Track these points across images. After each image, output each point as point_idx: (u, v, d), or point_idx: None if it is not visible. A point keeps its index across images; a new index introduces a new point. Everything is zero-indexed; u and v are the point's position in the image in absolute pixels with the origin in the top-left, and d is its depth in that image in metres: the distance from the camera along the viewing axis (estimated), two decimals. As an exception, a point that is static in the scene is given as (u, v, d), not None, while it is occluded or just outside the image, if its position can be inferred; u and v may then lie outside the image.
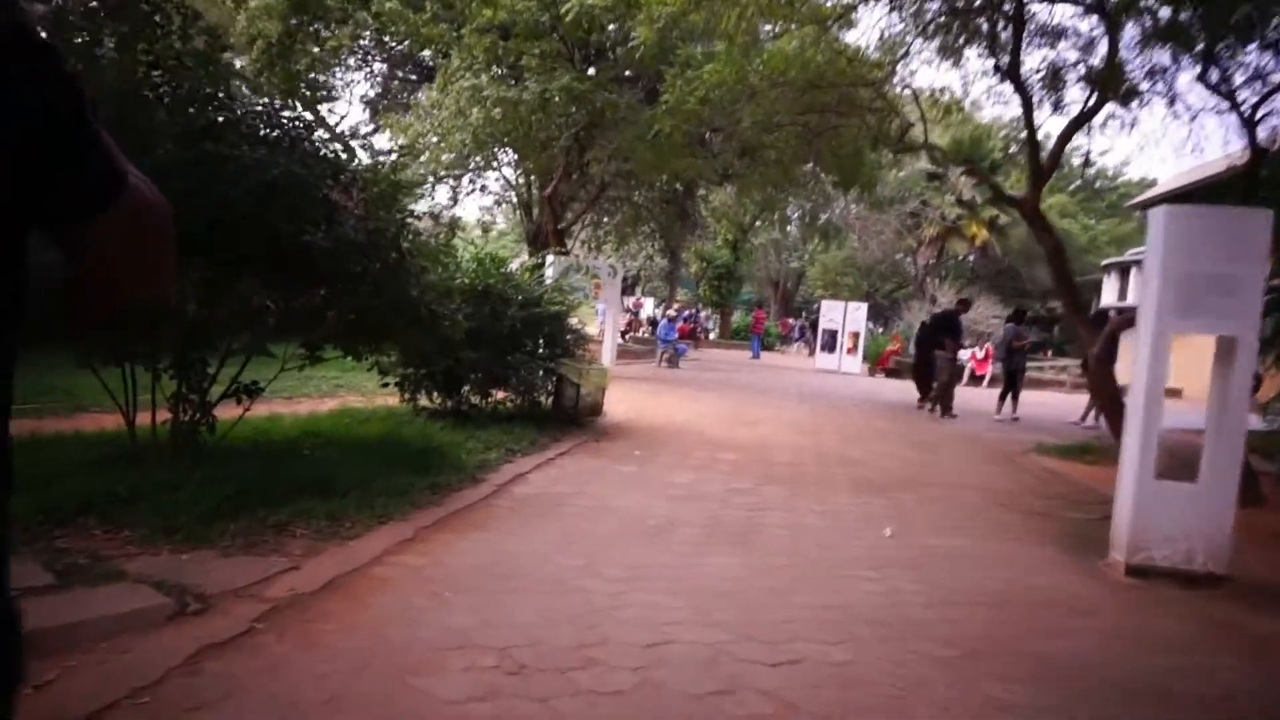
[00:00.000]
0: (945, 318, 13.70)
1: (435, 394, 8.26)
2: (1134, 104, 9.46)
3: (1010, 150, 44.42)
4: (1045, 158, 9.84)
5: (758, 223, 35.20)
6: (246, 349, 5.33)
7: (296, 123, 5.17)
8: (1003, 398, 13.51)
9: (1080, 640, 3.80)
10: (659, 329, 20.06)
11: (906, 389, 16.60)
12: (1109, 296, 27.24)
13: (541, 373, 8.10)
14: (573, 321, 9.49)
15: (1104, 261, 29.64)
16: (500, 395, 8.51)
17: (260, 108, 5.19)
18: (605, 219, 27.14)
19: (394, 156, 18.88)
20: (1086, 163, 17.16)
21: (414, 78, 22.39)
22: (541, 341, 8.36)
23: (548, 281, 11.64)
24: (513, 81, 12.69)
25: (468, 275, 7.87)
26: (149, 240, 0.91)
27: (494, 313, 7.86)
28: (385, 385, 6.54)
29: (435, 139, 13.05)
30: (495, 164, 18.20)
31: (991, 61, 10.06)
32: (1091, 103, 9.27)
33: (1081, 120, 9.24)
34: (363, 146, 24.24)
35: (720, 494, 6.21)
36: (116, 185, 0.84)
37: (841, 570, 4.55)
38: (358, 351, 6.11)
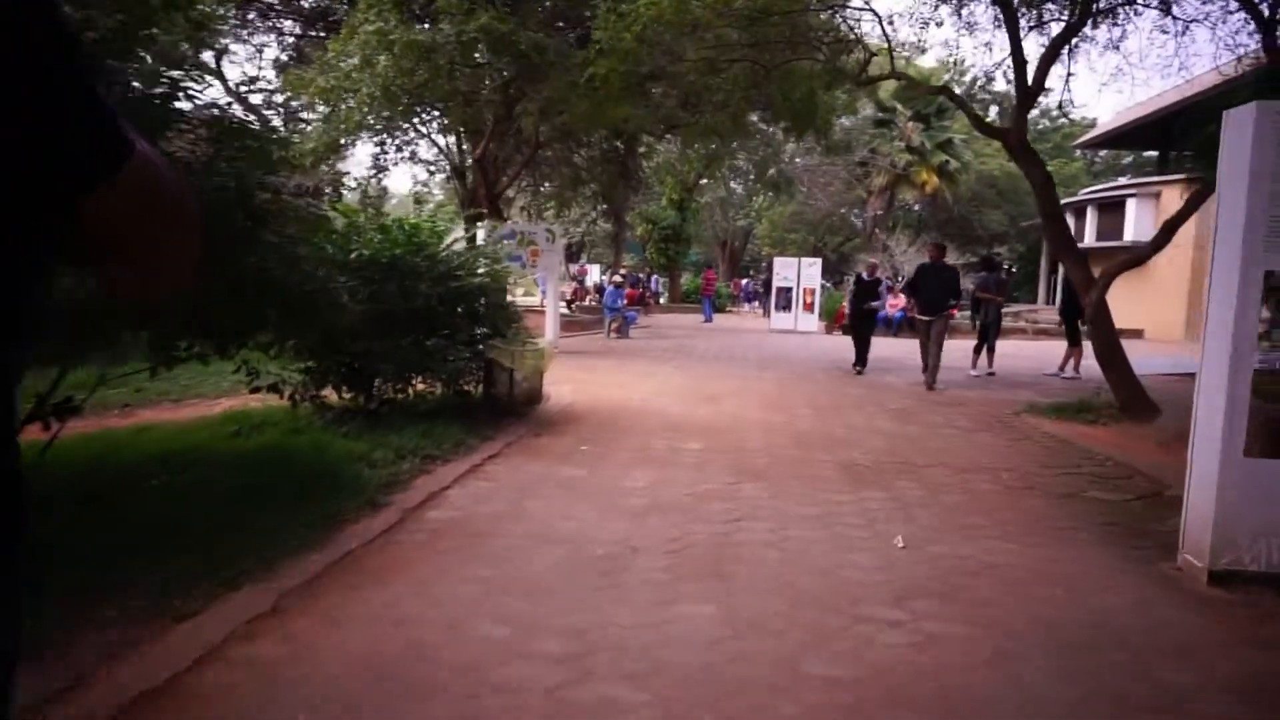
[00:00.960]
0: (947, 270, 11.24)
1: (344, 390, 6.97)
2: (1122, 13, 8.39)
3: (975, 85, 43.79)
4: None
5: (703, 180, 33.97)
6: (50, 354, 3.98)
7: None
8: (977, 351, 12.60)
9: (1207, 705, 2.73)
10: (605, 297, 18.79)
11: (877, 344, 15.75)
12: (1064, 239, 26.84)
13: (466, 358, 6.82)
14: (506, 296, 8.22)
15: (1061, 202, 29.12)
16: (421, 387, 7.23)
17: None
18: (545, 185, 25.67)
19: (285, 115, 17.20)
20: (1066, 88, 15.97)
21: (325, 35, 20.54)
22: (465, 320, 7.06)
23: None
24: (425, 25, 11.16)
25: (368, 247, 6.52)
26: (162, 218, 0.82)
27: (403, 290, 6.54)
28: (256, 390, 5.22)
29: (342, 94, 11.47)
30: (417, 123, 16.55)
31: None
32: (1075, 16, 8.20)
33: (1067, 35, 8.17)
34: (267, 107, 22.42)
35: (687, 500, 5.05)
36: (120, 151, 0.75)
37: (854, 611, 3.43)
38: (222, 347, 4.80)
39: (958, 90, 41.35)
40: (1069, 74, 8.46)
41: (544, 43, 11.36)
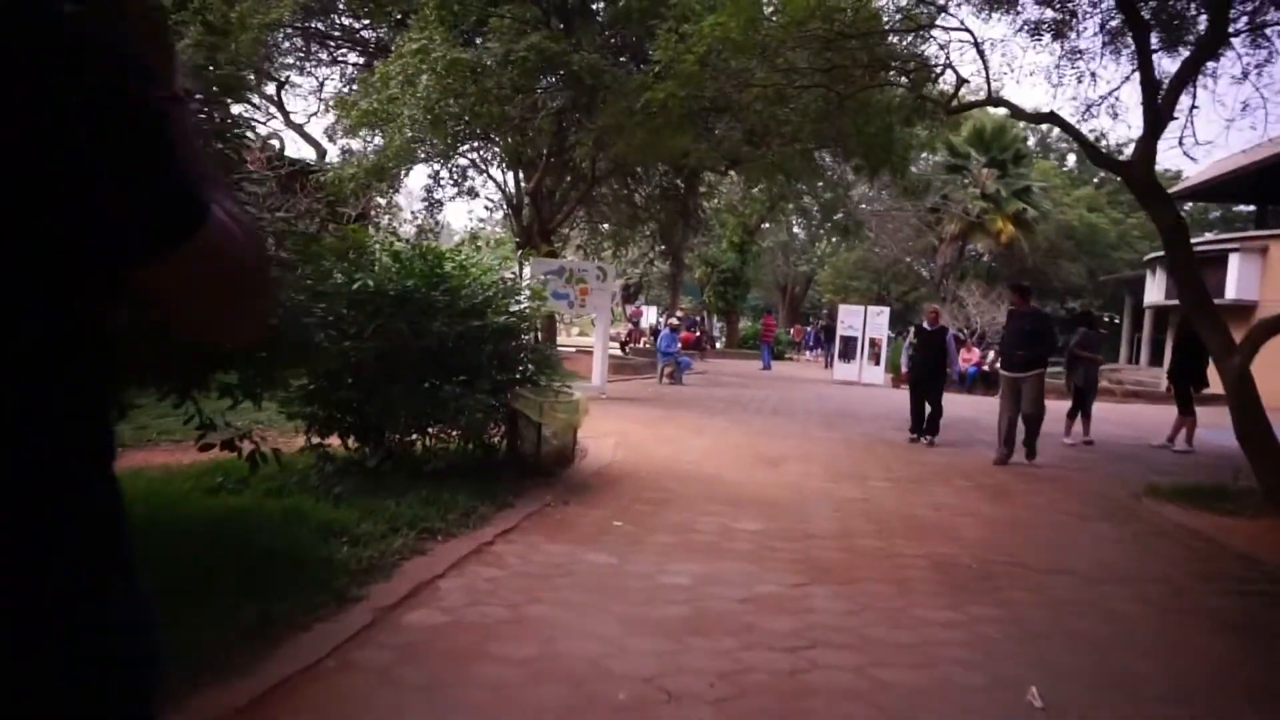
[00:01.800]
0: (1037, 317, 9.17)
1: (351, 440, 6.04)
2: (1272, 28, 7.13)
3: (1045, 139, 42.15)
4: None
5: (765, 224, 32.97)
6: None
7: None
8: (1071, 416, 11.17)
9: None
10: (659, 340, 17.76)
11: (951, 402, 14.40)
12: (1154, 294, 24.83)
13: (486, 409, 5.81)
14: (539, 337, 7.25)
15: (1147, 256, 27.25)
16: (441, 439, 6.25)
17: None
18: (602, 224, 24.96)
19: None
20: (1190, 121, 14.20)
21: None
22: (489, 365, 6.07)
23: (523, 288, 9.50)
24: (474, 43, 10.45)
25: (373, 276, 5.60)
26: (234, 285, 0.75)
27: (414, 327, 5.59)
28: (206, 447, 4.21)
29: (385, 117, 10.78)
30: (470, 153, 15.92)
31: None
32: (1209, 35, 6.99)
33: (1201, 55, 6.96)
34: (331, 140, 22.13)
35: (741, 611, 3.91)
36: (193, 217, 0.68)
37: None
38: (181, 389, 3.88)
39: (1032, 142, 39.77)
40: (1192, 105, 7.22)
41: (599, 65, 10.53)
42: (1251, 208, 34.11)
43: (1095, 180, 42.92)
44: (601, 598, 3.99)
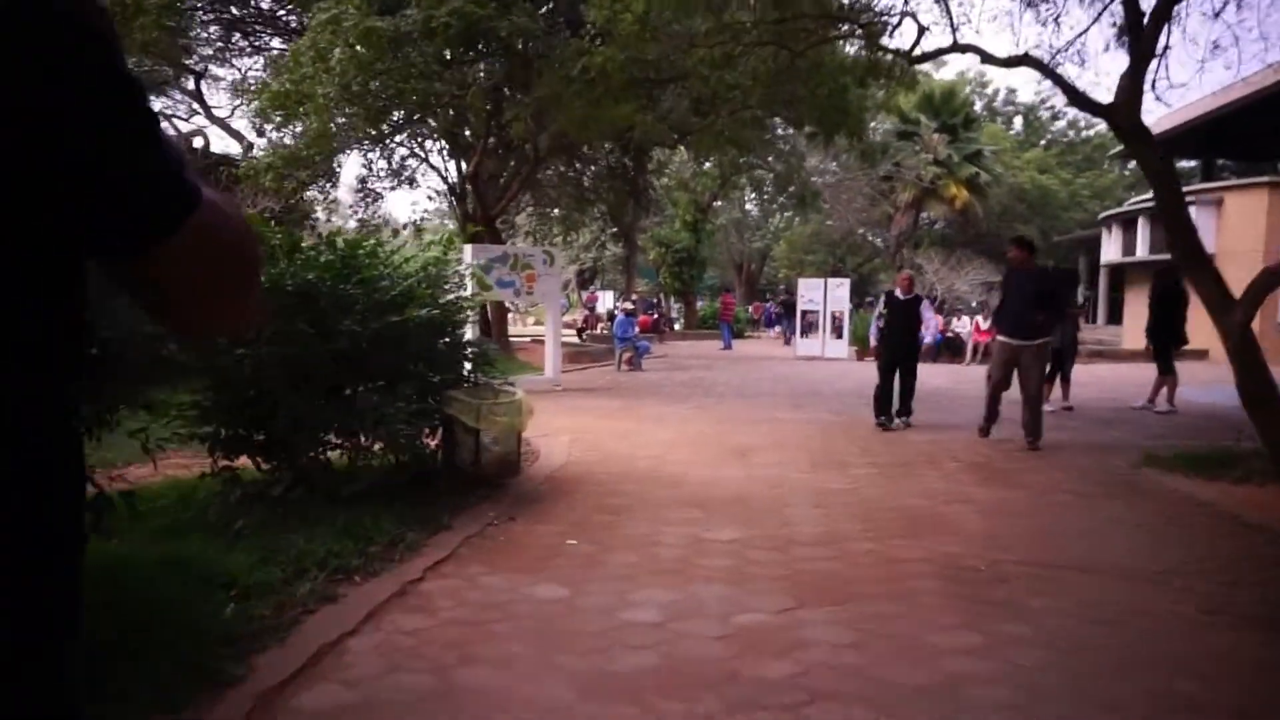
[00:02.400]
0: (1045, 277, 8.35)
1: (262, 461, 5.22)
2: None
3: (991, 103, 41.93)
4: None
5: (718, 201, 32.31)
6: None
7: None
8: (1049, 381, 10.66)
9: None
10: (615, 326, 16.97)
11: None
12: (1111, 252, 24.64)
13: (409, 416, 5.00)
14: (466, 332, 6.47)
15: (1103, 214, 27.13)
16: (367, 451, 5.43)
17: None
18: (550, 209, 24.05)
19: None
20: (1162, 61, 13.21)
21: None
22: (413, 366, 5.27)
23: (464, 276, 8.67)
24: (392, 12, 9.49)
25: (270, 271, 4.75)
26: (228, 269, 0.73)
27: (319, 328, 4.76)
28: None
29: (298, 99, 9.80)
30: (403, 138, 14.94)
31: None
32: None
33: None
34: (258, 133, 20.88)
35: (722, 656, 3.19)
36: (185, 204, 0.67)
37: None
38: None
39: (979, 107, 39.55)
40: (1165, 45, 6.62)
41: (531, 29, 9.67)
42: (1196, 162, 34.33)
43: (1043, 142, 43.01)
44: (550, 648, 3.24)
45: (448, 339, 5.71)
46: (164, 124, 0.72)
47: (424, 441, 5.74)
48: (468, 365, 6.00)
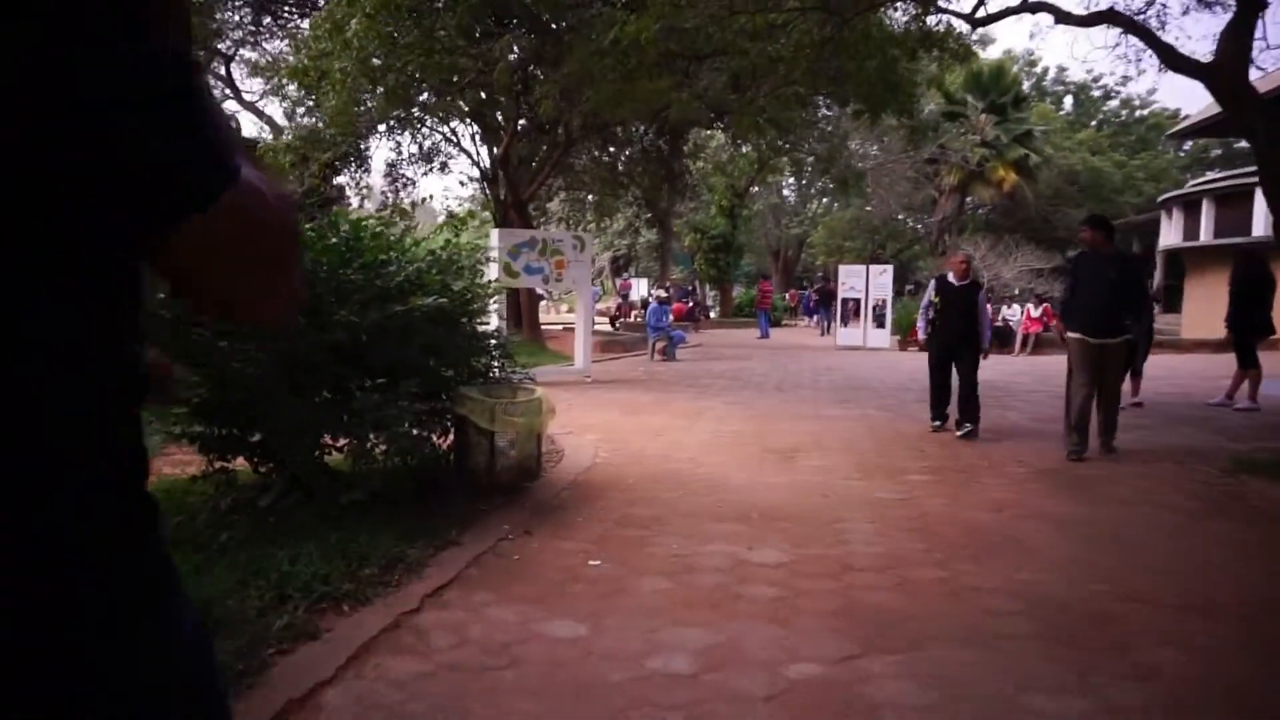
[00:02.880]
0: (1125, 264, 6.87)
1: (259, 463, 4.76)
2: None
3: (1040, 81, 40.40)
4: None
5: (754, 187, 31.49)
6: None
7: None
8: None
9: None
10: (648, 314, 16.35)
11: None
12: (1171, 236, 23.44)
13: (415, 417, 4.47)
14: (490, 322, 5.93)
15: (1161, 197, 25.87)
16: (370, 454, 4.92)
17: None
18: (584, 193, 23.49)
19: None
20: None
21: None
22: (421, 361, 4.73)
23: (491, 263, 8.16)
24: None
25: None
26: (264, 250, 0.69)
27: (314, 318, 4.24)
28: None
29: (317, 75, 9.32)
30: (429, 118, 14.46)
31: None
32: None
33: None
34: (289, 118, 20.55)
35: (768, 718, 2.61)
36: (220, 179, 0.63)
37: None
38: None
39: (1027, 87, 38.03)
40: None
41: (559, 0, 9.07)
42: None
43: (1094, 123, 41.40)
44: (560, 708, 2.69)
45: (462, 330, 5.16)
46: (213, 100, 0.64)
47: (437, 443, 5.24)
48: (484, 359, 5.46)
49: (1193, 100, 77.03)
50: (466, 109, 14.12)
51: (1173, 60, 6.23)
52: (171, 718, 0.71)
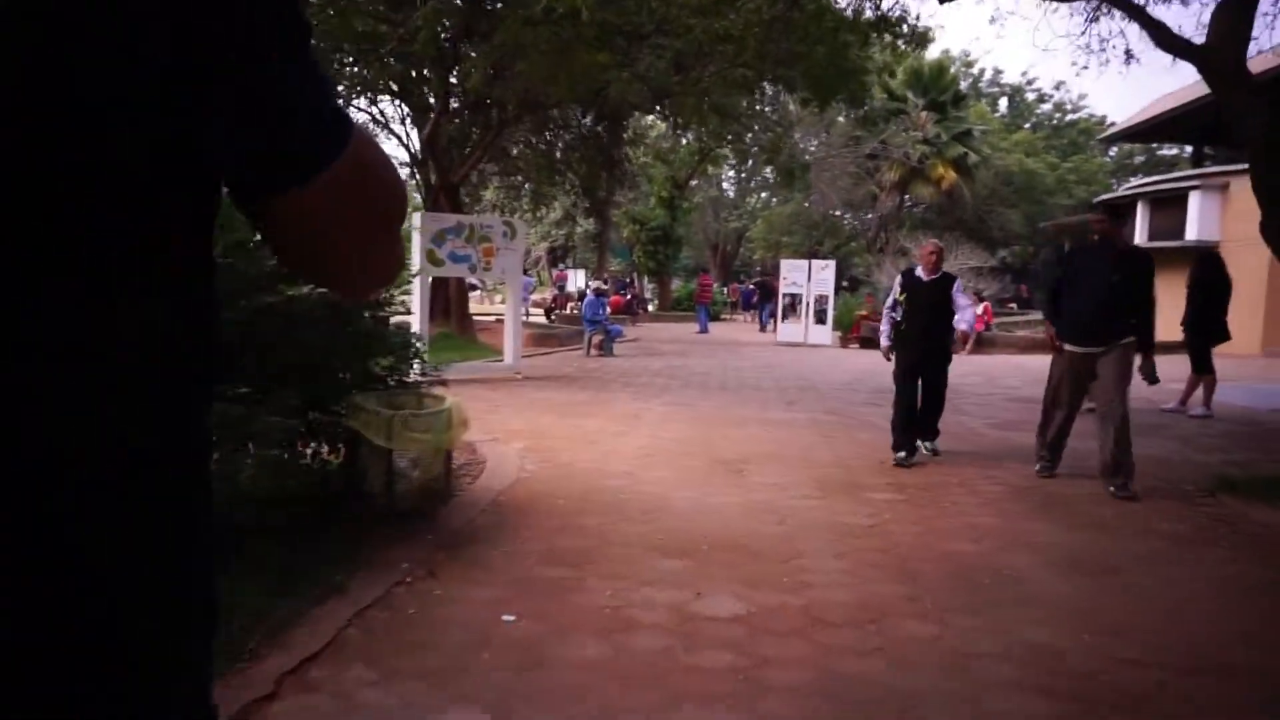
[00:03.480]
0: (1132, 259, 5.81)
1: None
2: None
3: (976, 82, 40.73)
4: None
5: (694, 180, 30.94)
6: None
7: None
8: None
9: None
10: (584, 307, 15.55)
11: None
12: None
13: (288, 434, 3.63)
14: (408, 317, 5.09)
15: (1097, 199, 26.10)
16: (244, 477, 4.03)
17: None
18: (521, 180, 22.47)
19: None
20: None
21: None
22: (296, 367, 3.88)
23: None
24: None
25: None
26: (378, 214, 0.65)
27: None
28: None
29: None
30: (351, 94, 13.38)
31: None
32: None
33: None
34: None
35: None
36: (337, 137, 0.60)
37: None
38: None
39: (964, 90, 38.31)
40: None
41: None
42: (1189, 149, 33.47)
43: (1027, 125, 42.01)
44: None
45: (353, 327, 4.31)
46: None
47: (328, 459, 4.39)
48: (386, 360, 4.62)
49: (1120, 107, 79.51)
50: (394, 85, 13.09)
51: (1165, 40, 5.70)
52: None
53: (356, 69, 11.95)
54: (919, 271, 6.78)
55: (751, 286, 30.62)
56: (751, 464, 6.24)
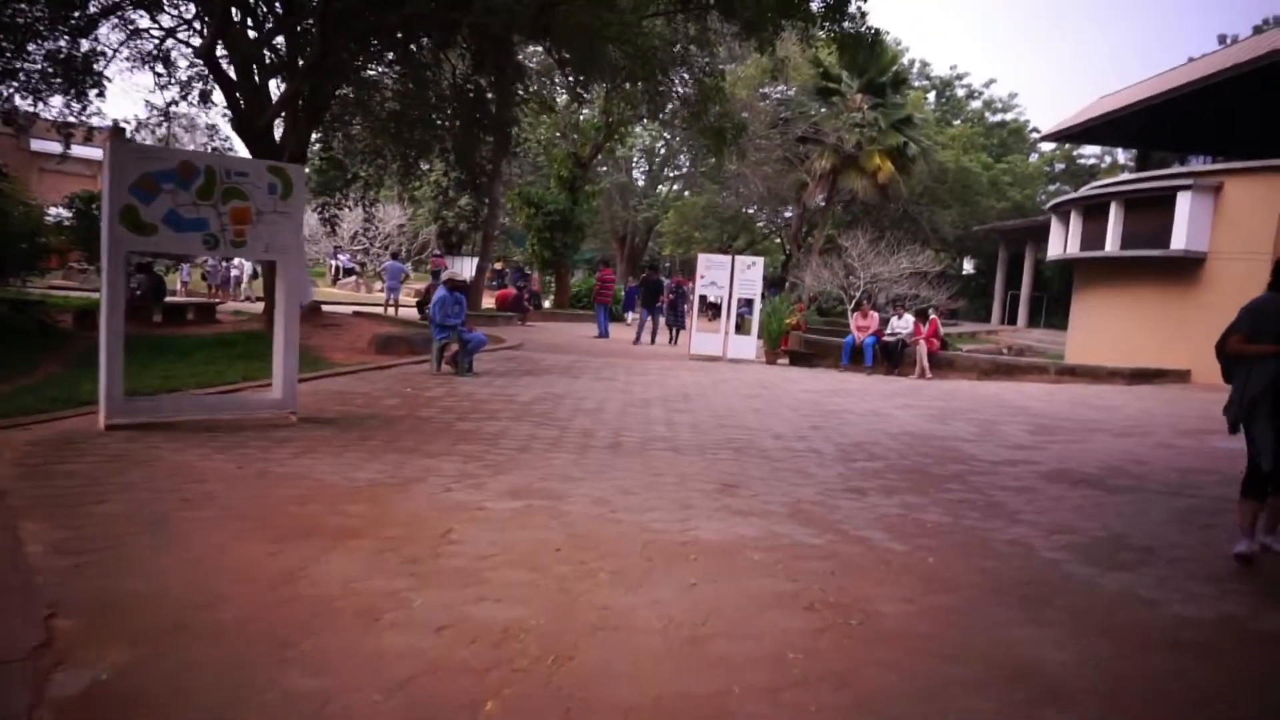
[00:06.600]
0: None
1: None
2: None
3: (906, 69, 37.94)
4: None
5: (600, 155, 26.96)
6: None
7: None
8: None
9: None
10: (432, 306, 11.27)
11: (869, 391, 9.31)
12: (1058, 247, 20.76)
13: None
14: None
15: (1050, 202, 23.43)
16: None
17: None
18: (384, 146, 17.87)
19: None
20: None
21: None
22: None
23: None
24: None
25: None
26: None
27: None
28: None
29: None
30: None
31: None
32: None
33: None
34: None
35: None
36: None
37: None
38: None
39: (904, 66, 35.49)
40: None
41: None
42: (1132, 151, 31.61)
43: (957, 122, 39.70)
44: None
45: None
46: None
47: None
48: None
49: (1046, 114, 79.56)
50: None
51: None
52: None
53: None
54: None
55: (635, 284, 24.29)
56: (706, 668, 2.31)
